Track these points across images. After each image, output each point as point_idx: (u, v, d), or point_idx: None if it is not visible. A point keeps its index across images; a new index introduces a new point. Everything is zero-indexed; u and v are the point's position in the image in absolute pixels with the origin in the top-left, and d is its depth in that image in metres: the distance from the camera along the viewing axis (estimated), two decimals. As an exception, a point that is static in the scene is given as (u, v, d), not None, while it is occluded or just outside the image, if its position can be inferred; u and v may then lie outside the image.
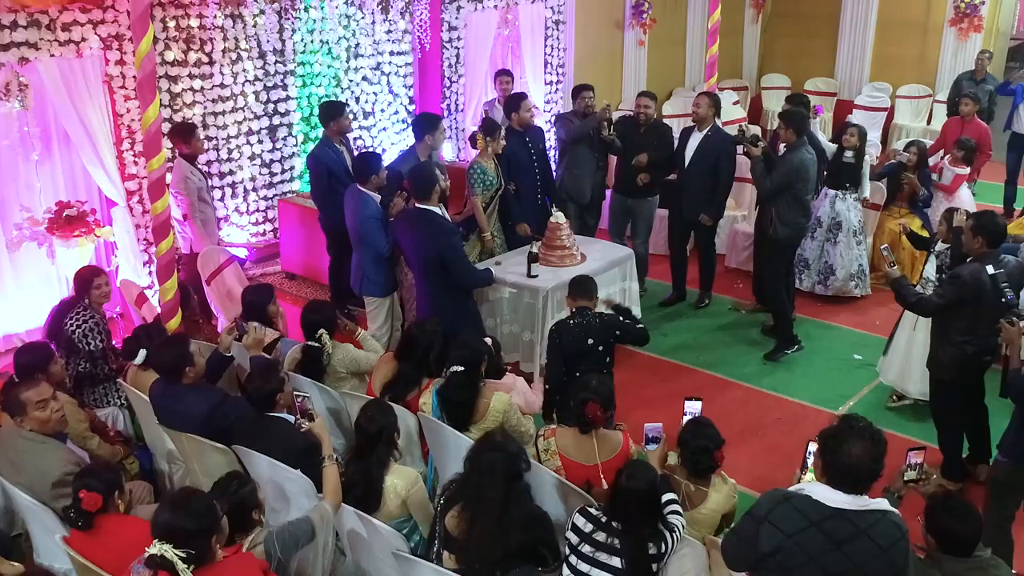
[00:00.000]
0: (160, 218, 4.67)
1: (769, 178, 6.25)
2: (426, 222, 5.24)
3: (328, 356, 4.64)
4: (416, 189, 5.29)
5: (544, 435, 4.01)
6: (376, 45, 8.25)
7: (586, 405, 3.79)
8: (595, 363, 4.60)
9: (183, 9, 6.75)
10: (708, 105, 6.73)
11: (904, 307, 5.23)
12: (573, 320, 4.73)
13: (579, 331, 4.66)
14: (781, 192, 6.23)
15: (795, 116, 6.36)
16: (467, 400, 4.11)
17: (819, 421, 5.78)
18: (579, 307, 4.75)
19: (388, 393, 4.47)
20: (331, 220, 6.23)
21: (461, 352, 4.14)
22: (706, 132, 6.76)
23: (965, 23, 11.29)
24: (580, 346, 4.63)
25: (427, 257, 5.25)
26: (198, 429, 4.02)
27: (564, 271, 6.20)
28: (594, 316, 4.72)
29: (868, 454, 2.69)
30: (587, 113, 6.99)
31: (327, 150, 6.27)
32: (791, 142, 6.22)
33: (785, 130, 6.23)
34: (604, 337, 4.67)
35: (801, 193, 6.27)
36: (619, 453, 3.87)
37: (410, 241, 5.29)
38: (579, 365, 4.61)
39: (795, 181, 6.21)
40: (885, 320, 7.16)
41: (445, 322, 5.12)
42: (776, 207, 6.30)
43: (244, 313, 4.96)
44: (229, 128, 7.30)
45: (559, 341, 4.69)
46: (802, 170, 6.23)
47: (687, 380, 6.36)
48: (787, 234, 6.38)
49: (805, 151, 6.27)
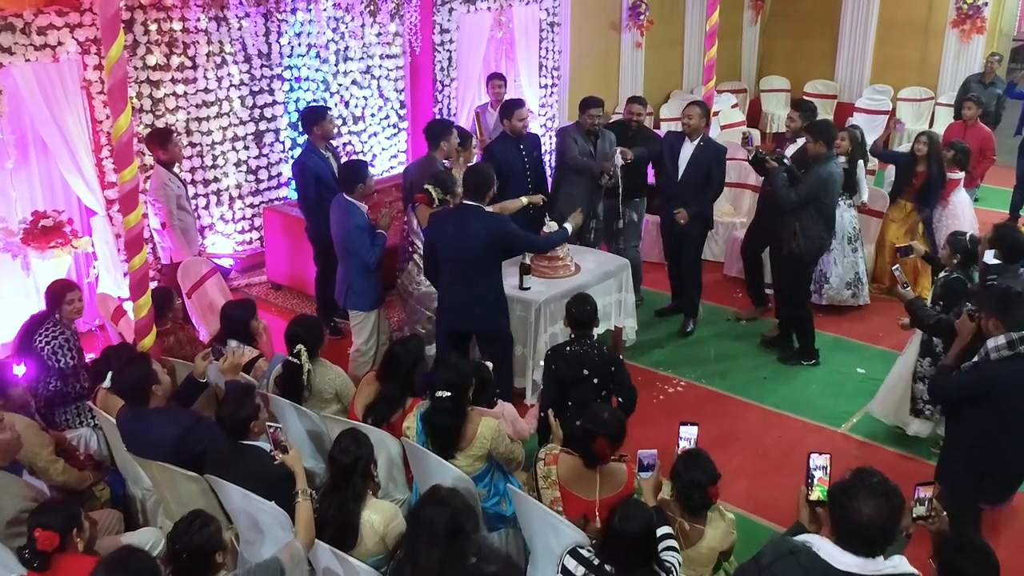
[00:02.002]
0: (132, 232, 4.46)
1: (794, 190, 6.03)
2: (476, 214, 5.03)
3: (308, 374, 4.43)
4: (473, 188, 5.08)
5: (545, 460, 3.80)
6: (366, 48, 8.06)
7: (595, 439, 3.58)
8: (588, 393, 4.39)
9: (165, 12, 6.55)
10: (700, 115, 6.51)
11: (922, 330, 4.98)
12: (570, 347, 4.51)
13: (575, 359, 4.45)
14: (806, 205, 6.02)
15: (823, 127, 6.15)
16: (453, 426, 3.91)
17: (820, 440, 5.60)
18: (578, 335, 4.53)
19: (371, 415, 4.28)
20: (318, 229, 6.04)
21: (447, 375, 3.94)
22: (698, 143, 6.54)
23: (968, 24, 11.11)
24: (574, 375, 4.43)
25: (484, 247, 5.01)
26: (169, 455, 3.82)
27: (557, 282, 6.03)
28: (593, 346, 4.49)
29: (882, 512, 2.47)
30: (592, 131, 6.70)
31: (313, 156, 6.07)
32: (820, 154, 6.00)
33: (814, 142, 6.00)
34: (600, 370, 4.44)
35: (827, 207, 6.10)
36: (621, 490, 3.67)
37: (456, 237, 5.02)
38: (571, 394, 4.41)
39: (822, 195, 6.01)
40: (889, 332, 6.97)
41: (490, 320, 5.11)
42: (800, 221, 6.08)
43: (224, 329, 4.76)
44: (214, 134, 7.11)
45: (554, 368, 4.48)
46: (830, 183, 6.05)
47: (684, 395, 6.16)
48: (809, 249, 6.19)
49: (833, 163, 6.09)
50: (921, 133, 7.37)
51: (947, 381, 3.95)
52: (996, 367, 3.76)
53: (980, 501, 4.14)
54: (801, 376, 6.39)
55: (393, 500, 4.25)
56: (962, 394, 3.89)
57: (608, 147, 6.73)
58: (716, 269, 8.23)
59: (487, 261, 5.08)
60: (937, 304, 4.95)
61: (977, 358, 3.83)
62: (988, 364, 3.78)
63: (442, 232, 5.13)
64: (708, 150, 6.54)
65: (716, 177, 6.60)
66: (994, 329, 3.79)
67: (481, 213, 5.06)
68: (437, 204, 5.43)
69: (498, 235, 5.02)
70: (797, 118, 6.61)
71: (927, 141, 7.16)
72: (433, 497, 3.09)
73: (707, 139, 6.59)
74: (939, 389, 4.05)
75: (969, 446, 3.94)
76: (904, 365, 5.42)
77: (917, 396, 5.31)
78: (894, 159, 7.68)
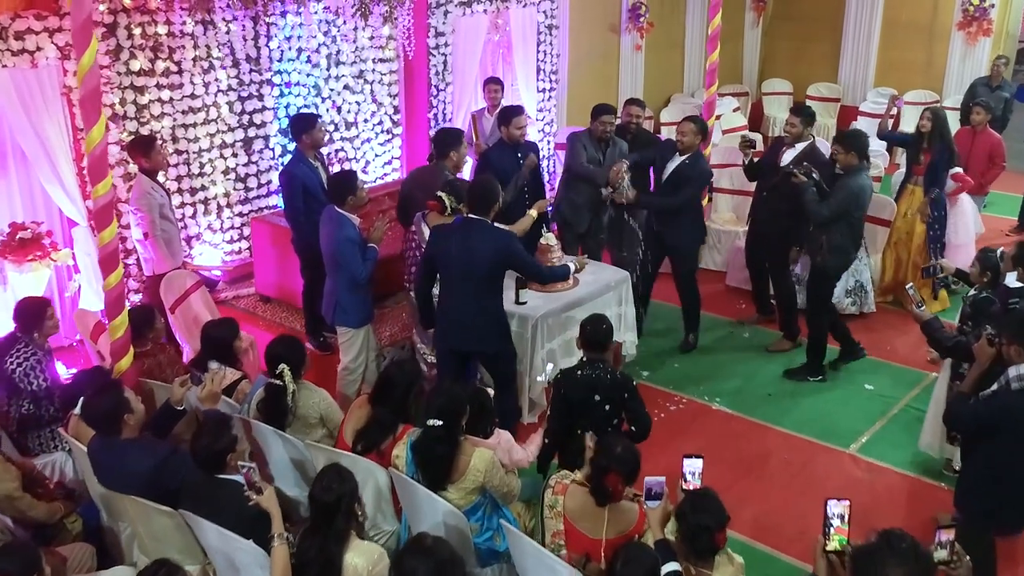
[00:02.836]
0: (107, 248, 4.24)
1: (826, 204, 5.81)
2: (483, 229, 4.81)
3: (292, 395, 4.21)
4: (478, 201, 4.86)
5: (554, 489, 3.57)
6: (358, 52, 7.83)
7: (607, 476, 3.36)
8: (598, 420, 4.16)
9: (149, 15, 6.32)
10: (695, 132, 6.28)
11: (939, 353, 4.76)
12: (581, 371, 4.28)
13: (585, 383, 4.22)
14: (837, 219, 5.82)
15: (855, 137, 5.93)
16: (445, 456, 3.68)
17: (829, 461, 5.40)
18: (591, 358, 4.30)
19: (361, 441, 4.06)
20: (305, 241, 5.81)
21: (439, 402, 3.71)
22: (684, 159, 6.32)
23: (974, 27, 10.91)
24: (585, 400, 4.20)
25: (491, 265, 4.79)
26: (143, 488, 3.60)
27: (555, 296, 5.81)
28: (605, 369, 4.25)
29: None
30: (603, 138, 6.50)
31: (301, 165, 5.84)
32: (851, 165, 5.80)
33: (845, 153, 5.79)
34: (613, 395, 4.21)
35: (857, 221, 5.92)
36: (630, 532, 3.45)
37: (460, 253, 4.78)
38: (581, 420, 4.18)
39: (853, 208, 5.82)
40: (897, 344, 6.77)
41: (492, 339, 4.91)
42: (828, 234, 5.88)
43: (205, 350, 4.54)
44: (201, 141, 6.88)
45: (563, 392, 4.26)
46: (862, 196, 5.85)
47: (685, 413, 5.95)
48: (835, 264, 6.00)
49: (865, 175, 5.88)
50: (926, 109, 7.16)
51: (964, 409, 3.74)
52: (1016, 399, 3.55)
53: (995, 531, 3.94)
54: (807, 392, 6.18)
55: (381, 532, 4.05)
56: (979, 424, 3.68)
57: (619, 156, 6.53)
58: (718, 279, 8.03)
59: (491, 280, 4.86)
60: (965, 324, 4.70)
61: (996, 386, 3.62)
62: (1008, 395, 3.57)
63: (444, 246, 4.88)
64: (690, 168, 6.31)
65: (682, 192, 6.34)
66: (1016, 356, 3.58)
67: (488, 229, 4.84)
68: (450, 212, 5.20)
69: (506, 255, 4.80)
70: (798, 123, 6.42)
71: (931, 117, 6.97)
72: (417, 546, 2.88)
73: (695, 158, 6.34)
74: (955, 417, 3.83)
75: (985, 475, 3.74)
76: (940, 391, 5.12)
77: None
78: (901, 140, 7.45)
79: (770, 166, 6.56)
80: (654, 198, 6.46)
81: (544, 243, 5.93)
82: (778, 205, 6.47)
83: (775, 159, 6.53)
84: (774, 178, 6.47)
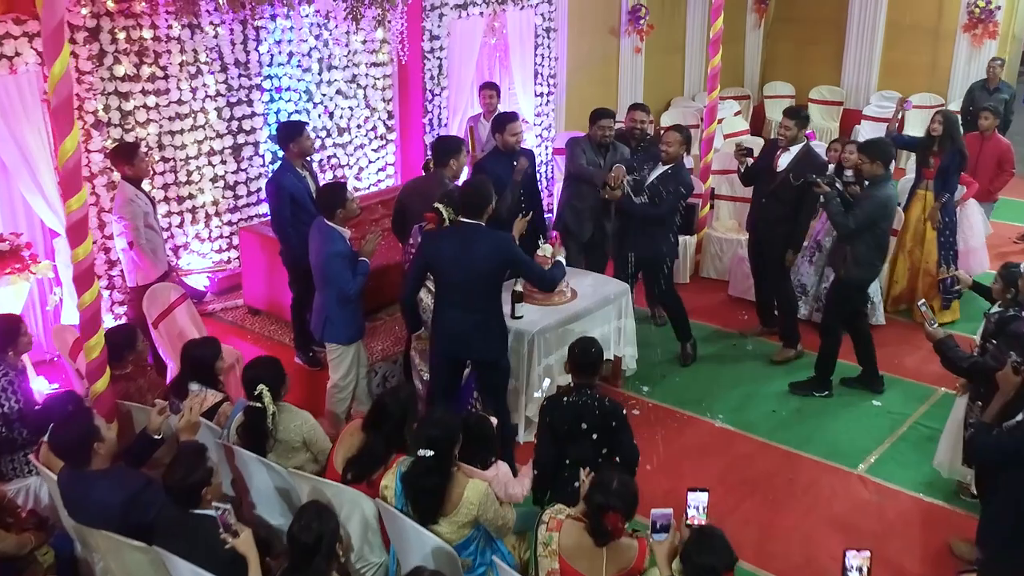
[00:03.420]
0: (82, 265, 4.04)
1: (852, 216, 5.62)
2: (480, 234, 4.64)
3: (272, 418, 4.00)
4: (470, 205, 4.68)
5: (548, 525, 3.37)
6: (351, 56, 7.63)
7: (605, 514, 3.16)
8: (586, 450, 3.97)
9: (134, 19, 6.12)
10: (680, 143, 6.13)
11: (954, 373, 4.55)
12: (568, 398, 4.08)
13: (572, 412, 4.02)
14: (863, 231, 5.63)
15: (880, 146, 5.73)
16: (436, 488, 3.48)
17: (836, 482, 5.20)
18: (578, 384, 4.11)
19: (351, 470, 3.85)
20: (293, 253, 5.60)
21: (430, 431, 3.51)
22: (666, 169, 6.15)
23: (979, 29, 10.72)
24: (572, 429, 4.00)
25: (490, 268, 4.64)
26: (115, 522, 3.41)
27: (552, 310, 5.64)
28: (594, 396, 4.05)
29: None
30: (603, 143, 6.35)
31: (288, 175, 5.63)
32: (876, 175, 5.61)
33: (871, 163, 5.59)
34: (602, 424, 4.01)
35: (884, 233, 5.73)
36: (630, 569, 3.26)
37: (458, 258, 4.61)
38: (569, 450, 3.99)
39: (880, 219, 5.63)
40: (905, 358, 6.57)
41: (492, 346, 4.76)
42: (853, 247, 5.70)
43: (185, 371, 4.35)
44: (188, 148, 6.68)
45: (548, 420, 4.06)
46: (890, 206, 5.68)
47: (686, 430, 5.74)
48: (859, 276, 5.81)
49: (891, 185, 5.70)
50: (937, 112, 6.96)
51: (987, 441, 3.54)
52: None
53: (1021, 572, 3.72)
54: (813, 408, 5.98)
55: (368, 564, 3.86)
56: (1003, 456, 3.47)
57: (620, 160, 6.37)
58: (720, 288, 7.83)
59: (491, 284, 4.71)
60: (989, 342, 4.45)
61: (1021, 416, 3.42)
62: None
63: (440, 252, 4.71)
64: (672, 178, 6.14)
65: (663, 201, 6.16)
66: None
67: (484, 232, 4.67)
68: (447, 225, 5.00)
69: (505, 256, 4.65)
70: (792, 125, 6.26)
71: (942, 120, 6.77)
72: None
73: (678, 168, 6.18)
74: (978, 449, 3.63)
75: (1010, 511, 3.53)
76: (958, 412, 4.90)
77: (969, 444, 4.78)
78: (910, 144, 7.26)
79: (766, 171, 6.38)
80: (636, 206, 6.24)
81: (540, 255, 5.72)
82: (777, 210, 6.31)
83: (771, 163, 6.35)
84: (772, 183, 6.30)
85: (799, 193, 6.16)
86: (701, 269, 8.12)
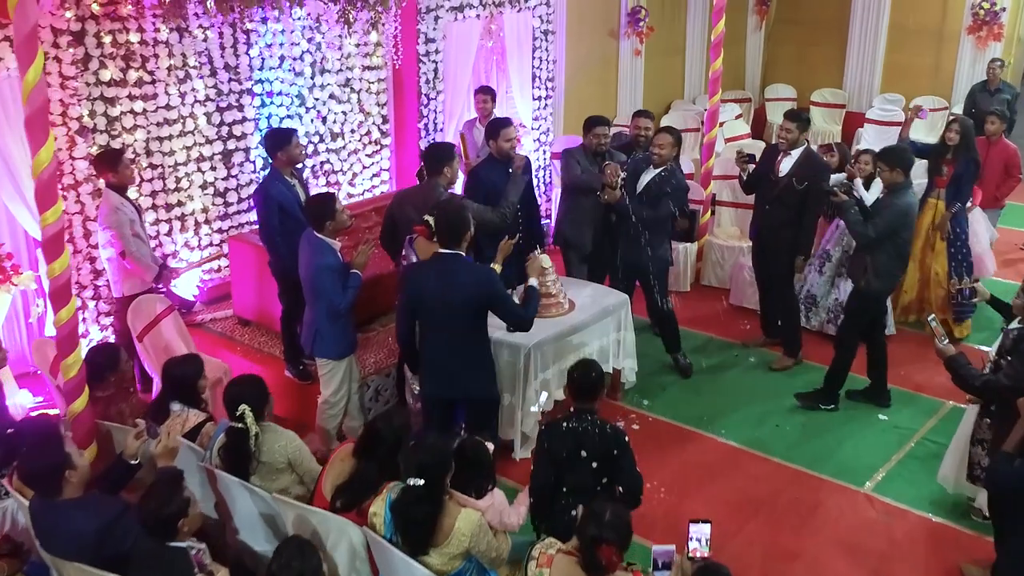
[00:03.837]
0: (58, 281, 3.88)
1: (872, 225, 5.46)
2: (460, 266, 4.45)
3: (255, 438, 3.84)
4: (447, 234, 4.47)
5: (538, 561, 3.21)
6: (345, 60, 7.47)
7: (599, 547, 3.01)
8: (585, 478, 3.79)
9: (120, 22, 5.96)
10: (672, 145, 5.98)
11: (965, 391, 4.38)
12: (567, 423, 3.89)
13: (571, 438, 3.83)
14: (884, 241, 5.47)
15: (899, 153, 5.55)
16: (427, 519, 3.33)
17: (842, 501, 5.04)
18: (578, 409, 3.92)
19: (341, 498, 3.68)
20: (283, 264, 5.43)
21: (421, 458, 3.35)
22: (660, 170, 5.99)
23: (984, 31, 10.56)
24: (571, 456, 3.82)
25: (465, 305, 4.44)
26: (89, 553, 3.24)
27: (549, 323, 5.47)
28: (594, 422, 3.86)
29: None
30: (598, 151, 6.19)
31: (276, 183, 5.46)
32: (896, 183, 5.44)
33: (890, 170, 5.42)
34: (602, 451, 3.81)
35: (905, 242, 5.57)
36: None
37: (439, 293, 4.42)
38: (566, 478, 3.82)
39: (901, 228, 5.47)
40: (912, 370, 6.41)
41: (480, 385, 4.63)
42: (873, 257, 5.53)
43: (167, 390, 4.18)
44: (177, 154, 6.51)
45: (547, 446, 3.89)
46: (911, 215, 5.54)
47: (693, 449, 5.57)
48: (879, 287, 5.64)
49: (911, 193, 5.54)
50: (952, 120, 6.77)
51: (1009, 471, 3.37)
52: None
53: None
54: (818, 423, 5.82)
55: (356, 594, 3.69)
56: None
57: None
58: (721, 297, 7.67)
59: (474, 321, 4.52)
60: (1004, 358, 4.24)
61: None
62: None
63: (421, 288, 4.50)
64: (666, 181, 5.99)
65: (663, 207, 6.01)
66: None
67: (465, 265, 4.48)
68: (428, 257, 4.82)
69: (487, 297, 4.44)
70: (793, 128, 6.11)
71: (959, 129, 6.58)
72: None
73: (671, 170, 6.03)
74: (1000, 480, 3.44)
75: None
76: (967, 426, 4.74)
77: (975, 461, 4.62)
78: (923, 151, 7.06)
79: (768, 176, 6.23)
80: (635, 209, 6.06)
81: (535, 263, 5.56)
82: (781, 216, 6.16)
83: (772, 168, 6.20)
84: (774, 189, 6.15)
85: (802, 197, 6.01)
86: (702, 277, 7.96)
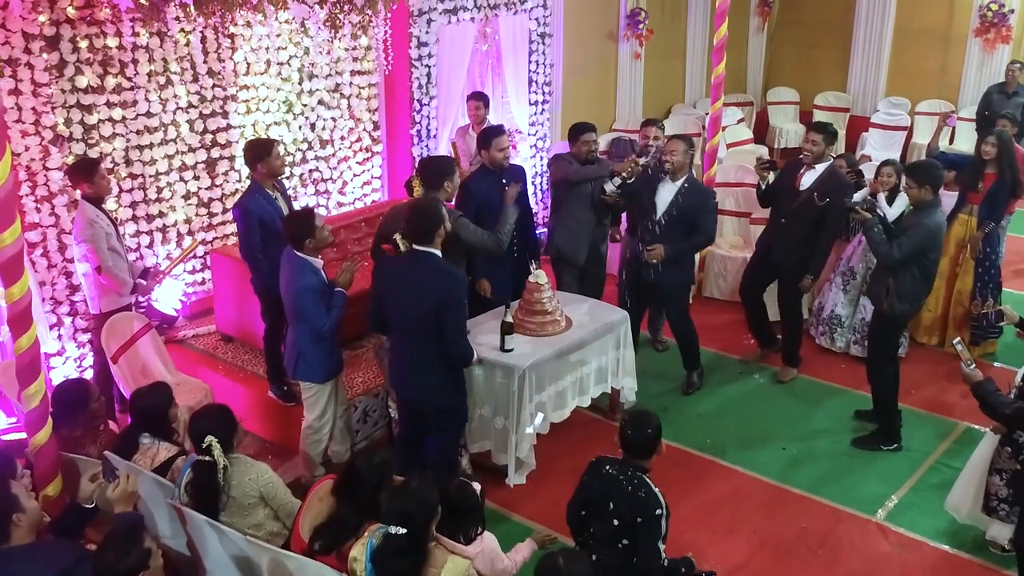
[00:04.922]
0: (17, 307, 3.62)
1: (897, 245, 5.16)
2: (431, 265, 4.24)
3: (224, 472, 3.58)
4: (418, 230, 4.29)
5: None
6: (334, 64, 7.21)
7: None
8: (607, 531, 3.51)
9: (97, 27, 5.70)
10: (685, 152, 5.69)
11: (993, 419, 4.12)
12: (611, 467, 3.59)
13: (606, 483, 3.55)
14: (911, 262, 5.18)
15: (928, 169, 5.25)
16: (409, 571, 3.08)
17: (853, 531, 4.78)
18: (626, 460, 3.60)
19: (319, 540, 3.41)
20: (265, 281, 5.18)
21: (403, 505, 3.10)
22: (681, 184, 5.72)
23: (992, 33, 10.32)
24: (600, 502, 3.56)
25: (423, 309, 4.21)
26: (44, 605, 2.99)
27: (546, 341, 5.22)
28: (633, 479, 3.51)
29: None
30: (588, 160, 5.95)
31: (257, 197, 5.20)
32: (924, 201, 5.15)
33: (918, 187, 5.12)
34: (628, 513, 3.48)
35: (932, 263, 5.27)
36: None
37: (405, 292, 4.24)
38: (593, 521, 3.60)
39: (929, 249, 5.18)
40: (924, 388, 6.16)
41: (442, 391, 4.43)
42: (896, 279, 5.23)
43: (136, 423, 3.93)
44: (158, 163, 6.26)
45: (586, 479, 3.66)
46: (939, 236, 5.26)
47: (695, 473, 5.30)
48: (904, 310, 5.35)
49: (939, 212, 5.25)
50: (990, 133, 6.42)
51: None
52: None
53: None
54: (825, 446, 5.56)
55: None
56: None
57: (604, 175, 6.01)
58: (724, 309, 7.42)
59: (432, 329, 4.28)
60: None
61: None
62: None
63: (388, 283, 4.34)
64: (693, 194, 5.73)
65: (705, 226, 5.79)
66: None
67: (436, 266, 4.27)
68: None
69: (442, 295, 4.21)
70: (819, 140, 5.84)
71: (996, 141, 6.26)
72: None
73: (692, 180, 5.78)
74: None
75: None
76: (983, 452, 4.48)
77: (992, 492, 4.36)
78: (956, 163, 6.74)
79: (787, 189, 5.97)
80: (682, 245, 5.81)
81: (533, 281, 5.32)
82: (798, 231, 5.90)
83: (793, 181, 5.94)
84: (793, 203, 5.89)
85: (821, 214, 5.77)
86: (704, 289, 7.70)
